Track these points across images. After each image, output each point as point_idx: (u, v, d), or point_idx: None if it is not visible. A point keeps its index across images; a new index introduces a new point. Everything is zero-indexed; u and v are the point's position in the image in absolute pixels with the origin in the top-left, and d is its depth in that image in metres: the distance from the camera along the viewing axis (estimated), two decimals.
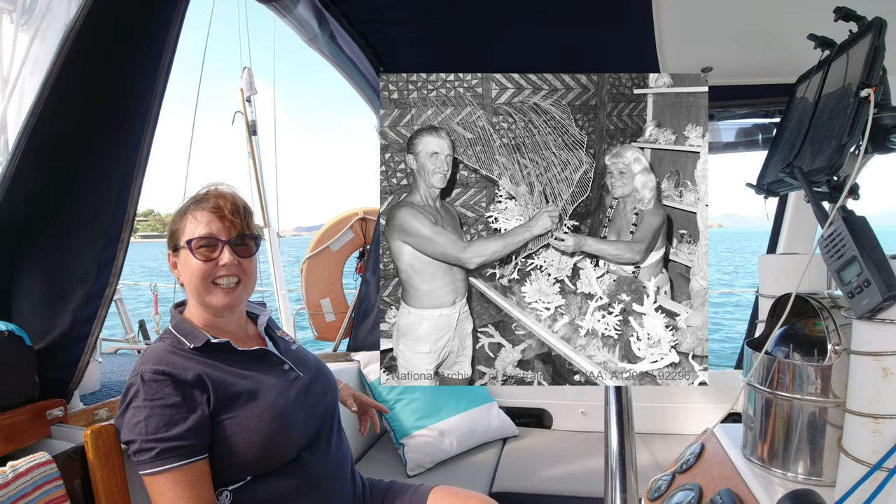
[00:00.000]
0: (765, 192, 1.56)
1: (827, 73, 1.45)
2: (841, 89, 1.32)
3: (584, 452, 2.66)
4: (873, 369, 1.07)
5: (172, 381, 1.26)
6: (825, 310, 1.27)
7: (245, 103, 4.09)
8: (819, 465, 1.27)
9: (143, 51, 1.37)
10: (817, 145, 1.31)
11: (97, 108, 1.36)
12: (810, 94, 1.51)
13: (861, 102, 1.17)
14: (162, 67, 1.38)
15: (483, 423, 2.76)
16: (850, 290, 1.06)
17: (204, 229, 1.35)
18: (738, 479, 1.35)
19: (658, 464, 2.47)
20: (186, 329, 1.37)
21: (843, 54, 1.38)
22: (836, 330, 1.24)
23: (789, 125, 1.61)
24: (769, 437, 1.34)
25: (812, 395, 1.26)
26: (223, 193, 1.41)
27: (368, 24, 2.29)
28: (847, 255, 1.06)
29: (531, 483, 2.38)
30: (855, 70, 1.26)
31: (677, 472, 1.54)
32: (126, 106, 1.37)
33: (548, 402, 3.06)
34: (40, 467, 1.15)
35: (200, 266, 1.34)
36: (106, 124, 1.36)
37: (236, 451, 1.29)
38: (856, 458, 1.11)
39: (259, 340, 1.52)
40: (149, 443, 1.20)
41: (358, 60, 2.38)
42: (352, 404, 1.85)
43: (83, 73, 1.32)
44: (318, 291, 4.36)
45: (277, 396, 1.37)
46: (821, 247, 1.15)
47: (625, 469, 0.86)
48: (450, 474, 2.47)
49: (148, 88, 1.37)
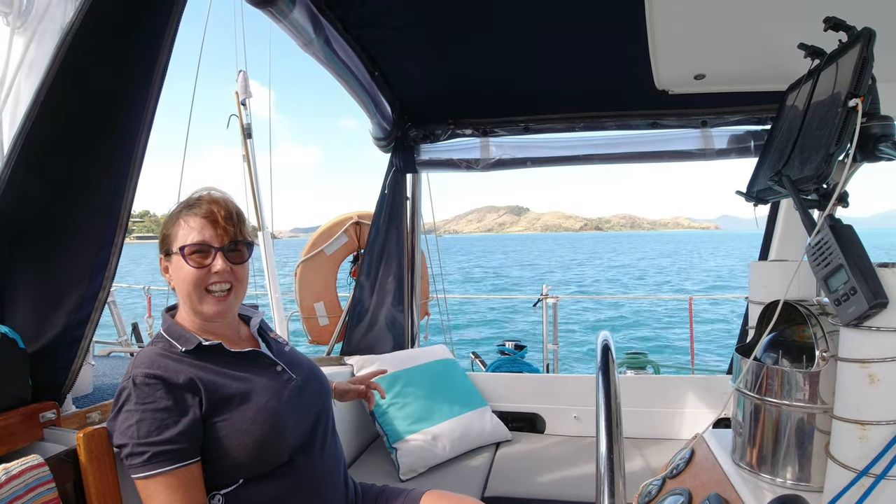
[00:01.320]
0: (754, 200, 1.58)
1: (816, 83, 1.46)
2: (830, 98, 1.34)
3: (577, 457, 2.67)
4: (860, 376, 1.09)
5: (164, 385, 1.26)
6: (813, 316, 1.29)
7: (240, 106, 4.09)
8: (807, 471, 1.28)
9: (140, 54, 1.37)
10: (806, 154, 1.32)
11: (93, 112, 1.36)
12: (800, 103, 1.53)
13: (849, 112, 1.19)
14: (157, 70, 1.38)
15: (476, 427, 2.76)
16: (836, 298, 1.08)
17: (197, 236, 1.35)
18: (727, 484, 1.36)
19: (650, 468, 2.48)
20: (178, 332, 1.38)
21: (833, 64, 1.40)
22: (823, 337, 1.25)
23: (779, 133, 1.62)
24: (758, 442, 1.36)
25: (800, 401, 1.27)
26: (216, 199, 1.41)
27: (363, 30, 2.30)
28: (834, 262, 1.08)
29: (524, 487, 2.38)
30: (844, 79, 1.28)
31: (667, 477, 1.55)
32: (122, 109, 1.37)
33: (541, 406, 3.07)
34: (32, 470, 1.14)
35: (193, 273, 1.34)
36: (101, 128, 1.37)
37: (229, 453, 1.29)
38: (843, 464, 1.12)
39: (252, 342, 1.52)
40: (141, 447, 1.20)
41: (353, 65, 2.39)
42: (352, 394, 1.86)
43: (79, 76, 1.32)
44: (312, 295, 4.37)
45: (270, 398, 1.37)
46: (808, 254, 1.16)
47: (613, 473, 0.86)
48: (443, 478, 2.47)
49: (144, 91, 1.37)
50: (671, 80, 2.37)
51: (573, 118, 3.04)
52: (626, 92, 2.74)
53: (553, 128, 3.10)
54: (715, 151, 2.93)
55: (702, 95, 2.52)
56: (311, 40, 2.01)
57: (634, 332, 16.01)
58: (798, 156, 1.36)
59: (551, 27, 2.24)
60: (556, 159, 3.13)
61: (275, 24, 1.90)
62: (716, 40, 2.00)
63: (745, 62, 2.16)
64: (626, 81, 2.58)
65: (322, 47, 2.09)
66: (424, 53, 2.54)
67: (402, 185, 3.26)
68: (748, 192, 1.60)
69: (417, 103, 3.05)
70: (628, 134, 3.05)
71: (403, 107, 3.05)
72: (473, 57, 2.53)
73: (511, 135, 3.16)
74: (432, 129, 3.16)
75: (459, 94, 2.92)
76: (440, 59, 2.59)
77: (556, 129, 3.10)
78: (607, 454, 0.88)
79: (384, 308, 3.20)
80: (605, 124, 3.04)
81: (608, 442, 0.89)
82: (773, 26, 1.86)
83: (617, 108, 2.96)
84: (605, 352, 1.08)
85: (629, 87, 2.62)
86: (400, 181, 3.25)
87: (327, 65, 2.23)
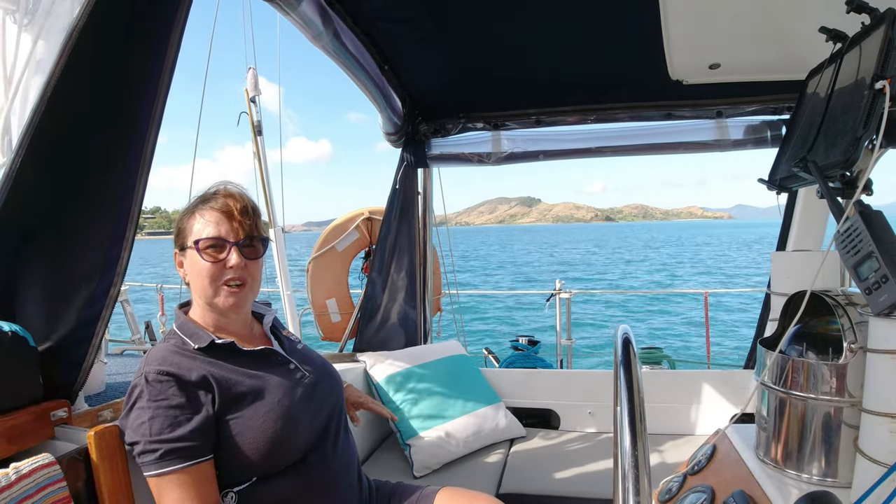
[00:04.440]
0: (777, 188, 1.54)
1: (839, 67, 1.42)
2: (854, 82, 1.30)
3: (592, 453, 2.64)
4: (891, 367, 1.05)
5: (177, 382, 1.25)
6: (840, 307, 1.25)
7: (250, 104, 4.08)
8: (834, 466, 1.24)
9: (148, 49, 1.35)
10: (831, 139, 1.28)
11: (101, 107, 1.35)
12: (822, 89, 1.49)
13: (876, 95, 1.15)
14: (166, 66, 1.36)
15: (490, 423, 2.74)
16: (867, 287, 1.04)
17: (212, 230, 1.33)
18: (752, 481, 1.33)
19: (668, 465, 2.45)
20: (191, 329, 1.36)
21: (856, 47, 1.36)
22: (851, 328, 1.21)
23: (801, 120, 1.58)
24: (783, 437, 1.32)
25: (827, 394, 1.24)
26: (232, 193, 1.40)
27: (372, 23, 2.28)
28: (864, 250, 1.04)
29: (539, 484, 2.36)
30: (868, 62, 1.24)
31: (689, 474, 1.52)
32: (130, 105, 1.36)
33: (555, 402, 3.04)
34: (44, 469, 1.13)
35: (208, 267, 1.33)
36: (110, 123, 1.35)
37: (241, 451, 1.28)
38: (873, 459, 1.08)
39: (264, 340, 1.51)
40: (153, 444, 1.19)
41: (363, 59, 2.37)
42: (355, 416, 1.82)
43: (86, 71, 1.30)
44: (324, 292, 4.36)
45: (283, 396, 1.35)
46: (837, 242, 1.12)
47: (638, 471, 0.83)
48: (457, 475, 2.45)
49: (152, 87, 1.36)
50: (686, 71, 2.33)
51: (586, 110, 3.00)
52: (639, 83, 2.70)
53: (565, 120, 3.06)
54: (731, 142, 2.88)
55: (717, 85, 2.48)
56: (319, 33, 1.99)
57: (648, 327, 15.93)
58: (823, 142, 1.32)
59: (563, 18, 2.20)
60: (568, 152, 3.09)
61: (283, 18, 1.89)
62: (731, 29, 1.96)
63: (761, 51, 2.12)
64: (639, 72, 2.54)
65: (331, 41, 2.07)
66: (435, 47, 2.51)
67: (413, 181, 3.24)
68: (770, 180, 1.56)
69: (428, 97, 3.02)
70: (642, 125, 3.00)
71: (414, 101, 3.03)
72: (484, 50, 2.50)
73: (523, 128, 3.13)
74: (443, 124, 3.13)
75: (470, 87, 2.89)
76: (450, 53, 2.56)
77: (569, 121, 3.06)
78: (631, 451, 0.85)
79: (396, 304, 3.18)
80: (619, 116, 2.99)
81: (632, 438, 0.86)
82: (789, 14, 1.82)
83: (630, 100, 2.92)
84: (625, 345, 1.05)
85: (643, 77, 2.58)
86: (411, 176, 3.22)
87: (337, 58, 2.21)
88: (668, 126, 2.97)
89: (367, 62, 2.40)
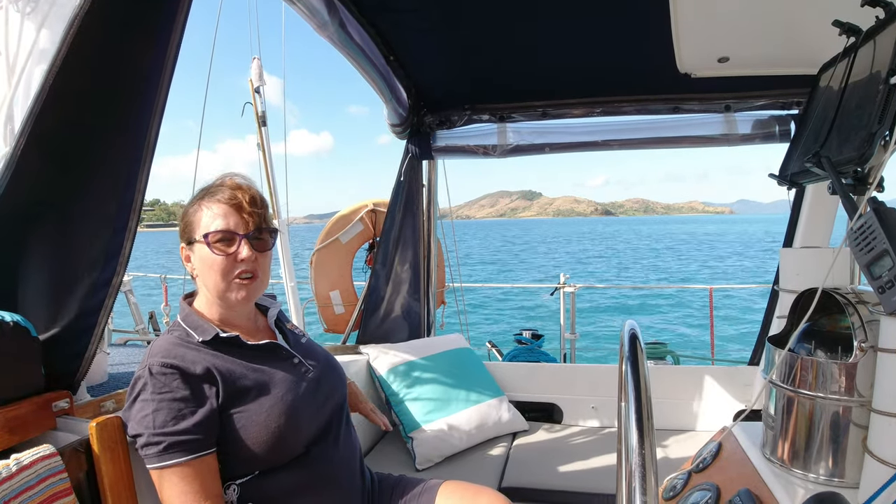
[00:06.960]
0: (788, 183, 1.52)
1: (853, 61, 1.40)
2: (868, 77, 1.27)
3: (596, 448, 2.63)
4: None
5: (181, 375, 1.24)
6: (850, 305, 1.23)
7: (255, 94, 4.05)
8: (842, 467, 1.23)
9: (151, 38, 1.34)
10: (844, 134, 1.26)
11: (103, 96, 1.33)
12: (835, 83, 1.47)
13: (891, 90, 1.13)
14: (169, 55, 1.35)
15: (493, 417, 2.73)
16: (880, 285, 1.02)
17: (221, 223, 1.32)
18: (758, 479, 1.32)
19: (671, 461, 2.44)
20: (195, 322, 1.35)
21: (871, 41, 1.33)
22: (862, 326, 1.20)
23: (813, 115, 1.56)
24: (790, 436, 1.31)
25: (836, 393, 1.22)
26: (240, 185, 1.38)
27: (378, 12, 2.25)
28: (878, 248, 1.02)
29: (541, 478, 2.35)
30: (883, 57, 1.22)
31: (693, 472, 1.51)
32: (132, 94, 1.34)
33: (558, 396, 3.03)
34: (45, 460, 1.13)
35: (220, 261, 1.31)
36: (112, 111, 1.34)
37: (245, 444, 1.27)
38: (881, 460, 1.07)
39: (269, 333, 1.50)
40: (156, 437, 1.18)
41: (368, 50, 2.35)
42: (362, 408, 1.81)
43: (89, 60, 1.29)
44: (328, 283, 4.35)
45: (287, 390, 1.35)
46: (850, 240, 1.11)
47: (644, 469, 0.82)
48: (459, 469, 2.45)
49: (155, 76, 1.34)
50: (694, 64, 2.30)
51: (592, 103, 2.97)
52: (647, 76, 2.68)
53: (571, 113, 3.04)
54: (739, 137, 2.85)
55: (725, 79, 2.44)
56: (325, 23, 1.97)
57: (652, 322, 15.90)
58: (836, 137, 1.30)
59: (571, 9, 2.18)
60: (574, 145, 3.07)
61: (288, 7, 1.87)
62: (740, 22, 1.93)
63: (771, 45, 2.09)
64: (647, 65, 2.51)
65: (337, 31, 2.05)
66: (441, 38, 2.49)
67: (417, 173, 3.22)
68: (781, 175, 1.53)
69: (433, 89, 3.00)
70: (649, 119, 2.98)
71: (419, 92, 3.00)
72: (490, 41, 2.47)
73: (529, 120, 3.10)
74: (448, 115, 3.11)
75: (476, 79, 2.87)
76: (457, 44, 2.53)
77: (575, 114, 3.04)
78: (638, 448, 0.84)
79: (400, 296, 3.18)
80: (626, 109, 2.97)
81: (639, 436, 0.85)
82: (800, 7, 1.79)
83: (638, 93, 2.89)
84: (632, 340, 1.03)
85: (650, 70, 2.55)
86: (416, 168, 3.20)
87: (342, 49, 2.19)
88: (675, 119, 2.94)
89: (372, 53, 2.38)
